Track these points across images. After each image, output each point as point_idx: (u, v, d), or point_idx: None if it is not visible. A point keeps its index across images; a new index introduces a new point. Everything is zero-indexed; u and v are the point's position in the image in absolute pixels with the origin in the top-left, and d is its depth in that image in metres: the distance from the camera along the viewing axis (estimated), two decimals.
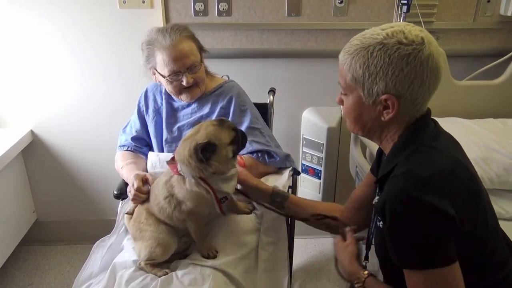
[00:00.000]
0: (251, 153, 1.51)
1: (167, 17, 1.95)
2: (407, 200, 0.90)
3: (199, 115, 1.57)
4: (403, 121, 1.00)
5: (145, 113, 1.63)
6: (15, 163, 2.12)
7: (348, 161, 2.11)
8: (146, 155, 1.57)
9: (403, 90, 0.94)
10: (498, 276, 1.01)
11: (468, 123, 1.87)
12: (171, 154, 1.31)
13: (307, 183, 2.28)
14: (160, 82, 1.56)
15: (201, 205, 1.22)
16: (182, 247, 1.31)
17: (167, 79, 1.48)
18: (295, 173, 1.59)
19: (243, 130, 1.50)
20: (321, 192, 2.26)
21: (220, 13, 1.96)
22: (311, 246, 2.37)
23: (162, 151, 1.58)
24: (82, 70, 2.05)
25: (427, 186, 0.89)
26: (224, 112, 1.55)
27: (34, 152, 2.20)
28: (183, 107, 1.59)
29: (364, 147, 1.93)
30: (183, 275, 1.16)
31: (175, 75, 1.47)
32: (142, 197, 1.32)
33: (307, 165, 2.24)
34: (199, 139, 1.15)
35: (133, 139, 1.62)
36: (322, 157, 2.16)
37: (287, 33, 2.03)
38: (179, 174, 1.21)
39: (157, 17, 1.94)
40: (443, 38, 2.05)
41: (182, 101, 1.59)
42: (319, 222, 1.33)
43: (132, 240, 1.32)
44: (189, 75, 1.47)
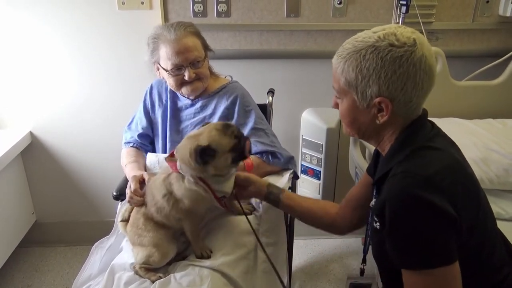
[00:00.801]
0: (255, 153, 1.51)
1: (166, 18, 1.95)
2: (407, 199, 0.89)
3: (202, 115, 1.56)
4: (399, 123, 1.00)
5: (150, 110, 1.63)
6: (14, 165, 2.12)
7: (347, 162, 2.11)
8: (151, 152, 1.58)
9: (396, 92, 0.94)
10: (496, 278, 1.01)
11: (467, 124, 1.87)
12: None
13: (307, 184, 2.28)
14: (163, 77, 1.56)
15: (199, 204, 1.22)
16: (181, 248, 1.30)
17: (169, 72, 1.48)
18: (295, 177, 1.58)
19: (248, 130, 1.52)
20: (320, 193, 2.26)
21: (219, 14, 1.96)
22: (311, 247, 2.37)
23: (165, 147, 1.58)
24: (81, 71, 2.05)
25: (428, 185, 0.89)
26: (228, 112, 1.55)
27: (33, 153, 2.20)
28: (186, 107, 1.59)
29: (363, 148, 1.93)
30: (182, 277, 1.16)
31: (177, 69, 1.47)
32: (137, 199, 1.32)
33: (306, 166, 2.24)
34: (201, 141, 1.15)
35: (139, 136, 1.62)
36: (321, 158, 2.16)
37: (286, 34, 2.03)
38: (178, 172, 1.21)
39: (156, 18, 1.94)
40: (442, 38, 2.05)
41: (185, 100, 1.59)
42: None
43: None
44: (191, 70, 1.48)
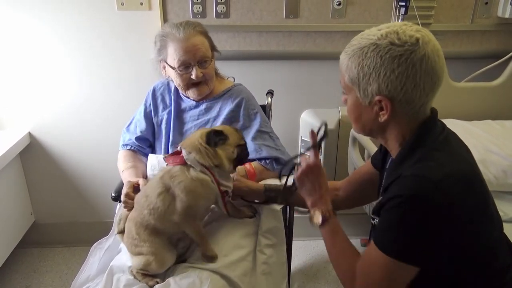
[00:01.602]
0: (260, 159, 1.51)
1: (165, 19, 1.95)
2: (414, 200, 0.89)
3: (206, 117, 1.56)
4: (403, 123, 0.99)
5: (153, 113, 1.62)
6: (13, 165, 2.11)
7: (346, 163, 2.10)
8: (147, 157, 1.57)
9: (396, 91, 0.93)
10: (500, 281, 1.01)
11: (466, 125, 1.87)
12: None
13: None
14: (169, 76, 1.56)
15: (199, 199, 1.20)
16: (180, 252, 1.29)
17: (176, 71, 1.48)
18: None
19: (253, 133, 1.53)
20: None
21: (218, 15, 1.96)
22: (310, 248, 2.37)
23: (167, 151, 1.57)
24: (80, 72, 2.05)
25: (437, 189, 0.88)
26: (233, 115, 1.54)
27: (32, 154, 2.19)
28: (191, 108, 1.59)
29: (362, 149, 1.93)
30: (181, 279, 1.15)
31: (185, 67, 1.47)
32: (131, 203, 1.32)
33: None
34: (216, 128, 1.26)
35: (137, 139, 1.62)
36: (320, 159, 2.16)
37: (285, 35, 2.03)
38: (184, 162, 1.20)
39: (155, 19, 1.94)
40: (441, 40, 2.03)
41: (190, 102, 1.59)
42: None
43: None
44: (198, 69, 1.48)
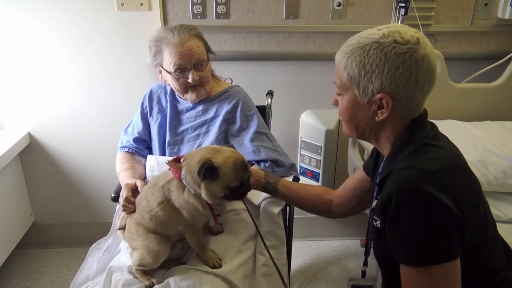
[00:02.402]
0: (258, 162, 1.51)
1: (165, 20, 1.95)
2: (413, 192, 0.89)
3: (203, 118, 1.56)
4: (398, 122, 1.00)
5: (148, 115, 1.63)
6: (12, 166, 2.11)
7: (346, 164, 2.11)
8: (146, 158, 1.57)
9: (398, 88, 0.94)
10: (495, 280, 1.01)
11: (466, 126, 1.87)
12: (170, 157, 1.30)
13: None
14: (165, 80, 1.56)
15: (197, 217, 1.21)
16: (178, 253, 1.29)
17: (173, 75, 1.48)
18: (295, 180, 1.55)
19: (251, 134, 1.53)
20: None
21: (218, 16, 1.96)
22: (309, 248, 2.37)
23: (163, 153, 1.57)
24: (80, 72, 2.05)
25: (432, 180, 0.89)
26: (230, 116, 1.55)
27: (31, 154, 2.19)
28: (187, 110, 1.59)
29: (362, 150, 1.93)
30: (181, 280, 1.15)
31: (181, 71, 1.48)
32: (130, 207, 1.31)
33: (305, 168, 2.24)
34: (216, 159, 1.12)
35: (134, 140, 1.62)
36: (320, 160, 2.16)
37: (285, 36, 2.03)
38: (181, 180, 1.18)
39: (155, 19, 1.94)
40: (441, 41, 2.05)
41: (186, 103, 1.59)
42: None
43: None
44: (195, 72, 1.48)
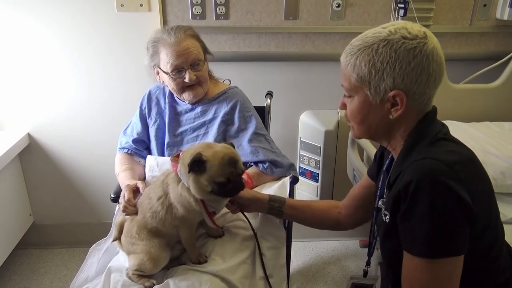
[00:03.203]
0: (256, 163, 1.51)
1: (164, 21, 1.96)
2: (434, 182, 0.87)
3: (202, 120, 1.57)
4: (412, 118, 0.99)
5: (147, 116, 1.63)
6: (12, 166, 2.11)
7: (345, 164, 2.11)
8: (145, 159, 1.57)
9: (411, 84, 0.93)
10: (500, 280, 1.01)
11: (464, 127, 1.88)
12: (169, 158, 1.31)
13: (305, 186, 2.28)
14: (163, 81, 1.56)
15: (190, 213, 1.20)
16: (176, 254, 1.29)
17: (170, 75, 1.49)
18: (294, 181, 1.54)
19: (249, 135, 1.52)
20: (318, 195, 2.26)
21: (217, 17, 1.97)
22: (309, 249, 2.37)
23: (162, 154, 1.57)
24: (79, 73, 2.05)
25: (451, 172, 0.88)
26: (228, 118, 1.55)
27: (31, 155, 2.19)
28: (186, 111, 1.60)
29: (361, 150, 1.93)
30: (181, 281, 1.15)
31: (178, 71, 1.48)
32: (131, 209, 1.30)
33: (304, 168, 2.25)
34: (206, 153, 1.11)
35: (133, 141, 1.62)
36: (319, 160, 2.17)
37: (284, 37, 2.03)
38: (177, 173, 1.19)
39: (154, 20, 1.94)
40: (440, 41, 2.03)
41: (185, 105, 1.60)
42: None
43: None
44: (191, 72, 1.49)
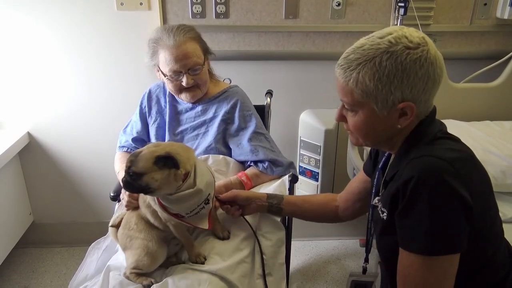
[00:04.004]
0: (256, 162, 1.51)
1: (164, 19, 1.95)
2: (434, 179, 0.87)
3: (202, 119, 1.57)
4: (414, 121, 0.99)
5: (147, 115, 1.64)
6: (11, 165, 2.11)
7: (345, 163, 2.11)
8: None
9: (419, 93, 0.93)
10: (498, 276, 1.01)
11: (465, 126, 1.87)
12: None
13: (305, 185, 2.28)
14: (163, 80, 1.56)
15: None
16: (173, 250, 1.28)
17: (167, 77, 1.50)
18: (294, 180, 1.54)
19: (249, 134, 1.53)
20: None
21: (217, 15, 1.96)
22: (309, 248, 2.37)
23: None
24: (79, 72, 2.05)
25: (452, 170, 0.88)
26: (228, 116, 1.56)
27: (31, 154, 2.19)
28: (187, 110, 1.60)
29: (361, 150, 1.93)
30: (180, 280, 1.15)
31: (175, 74, 1.48)
32: (134, 203, 1.30)
33: (304, 167, 2.24)
34: (179, 151, 1.10)
35: (133, 140, 1.62)
36: (319, 159, 2.17)
37: (284, 36, 2.03)
38: None
39: (154, 19, 1.94)
40: (440, 41, 2.05)
41: (186, 104, 1.60)
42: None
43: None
44: (189, 76, 1.48)
